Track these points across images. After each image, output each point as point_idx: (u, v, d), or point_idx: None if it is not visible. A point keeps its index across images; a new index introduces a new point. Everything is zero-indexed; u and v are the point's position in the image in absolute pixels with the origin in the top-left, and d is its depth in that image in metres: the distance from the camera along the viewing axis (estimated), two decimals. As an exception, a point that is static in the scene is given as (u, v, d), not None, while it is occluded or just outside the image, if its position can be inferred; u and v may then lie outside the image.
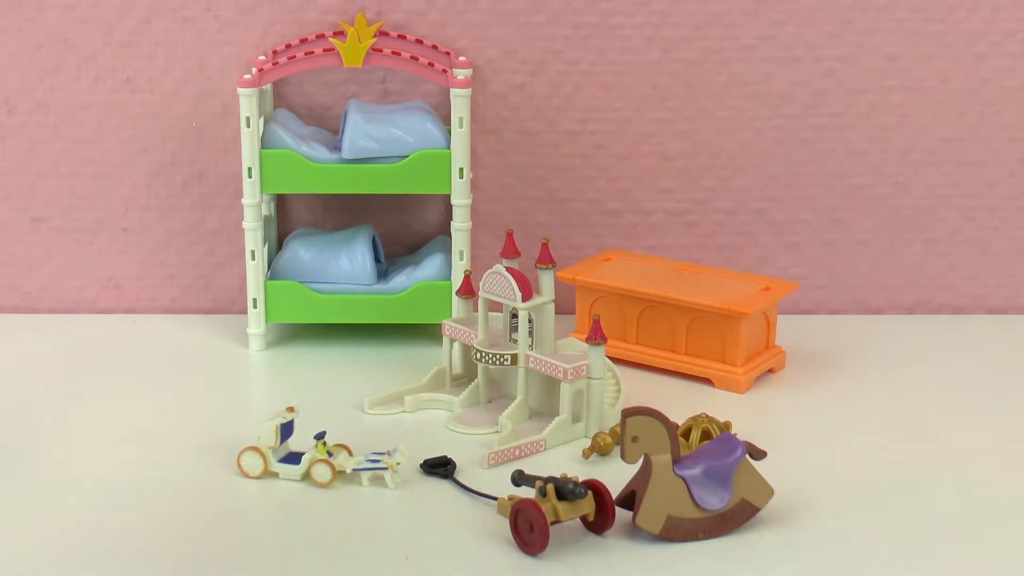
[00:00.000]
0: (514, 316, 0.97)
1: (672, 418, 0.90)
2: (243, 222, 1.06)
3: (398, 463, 0.86)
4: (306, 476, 0.87)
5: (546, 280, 0.96)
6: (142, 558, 0.79)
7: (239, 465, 0.88)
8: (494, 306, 0.99)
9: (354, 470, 0.87)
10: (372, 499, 0.86)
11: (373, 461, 0.86)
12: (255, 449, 0.87)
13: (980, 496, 0.87)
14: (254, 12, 1.10)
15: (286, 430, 0.88)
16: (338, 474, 0.87)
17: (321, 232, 1.12)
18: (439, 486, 0.87)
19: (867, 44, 1.12)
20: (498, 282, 0.95)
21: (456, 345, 1.00)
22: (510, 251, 0.98)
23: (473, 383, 0.98)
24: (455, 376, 1.00)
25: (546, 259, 0.96)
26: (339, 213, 1.15)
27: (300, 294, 1.07)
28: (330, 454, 0.87)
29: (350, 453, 0.88)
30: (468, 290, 1.00)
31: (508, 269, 0.95)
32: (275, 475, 0.88)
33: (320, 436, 0.87)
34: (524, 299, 0.94)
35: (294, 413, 0.89)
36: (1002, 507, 0.86)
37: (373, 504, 0.85)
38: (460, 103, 1.04)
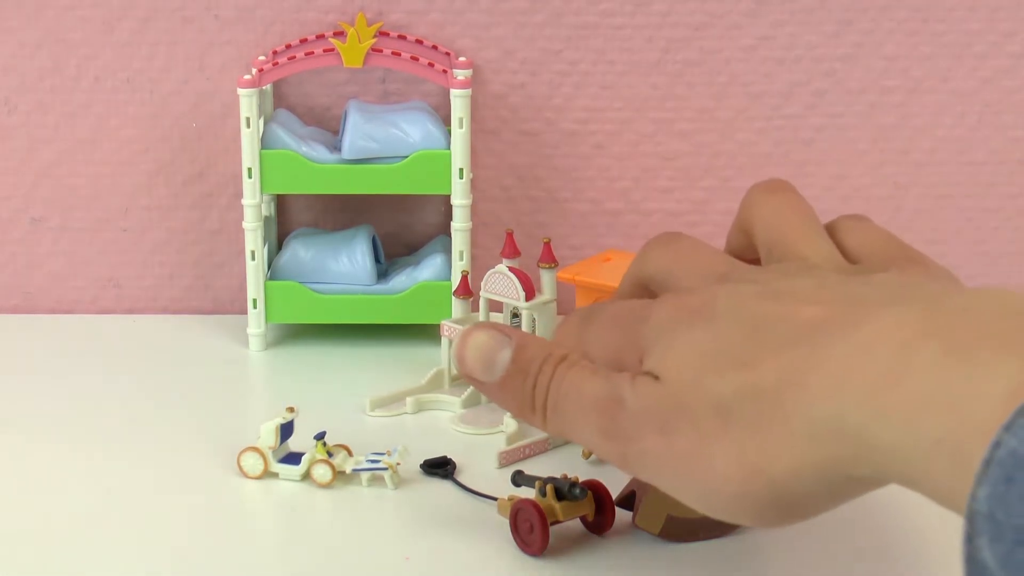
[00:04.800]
0: (515, 316, 0.97)
1: (672, 418, 0.90)
2: (243, 222, 1.06)
3: (397, 463, 0.86)
4: (306, 476, 0.87)
5: (548, 279, 0.96)
6: (141, 558, 0.79)
7: (239, 466, 0.88)
8: (493, 306, 0.99)
9: (354, 470, 0.87)
10: (372, 499, 0.86)
11: (373, 461, 0.86)
12: (255, 449, 0.87)
13: (980, 496, 0.87)
14: (254, 12, 1.10)
15: (286, 430, 0.88)
16: (338, 474, 0.87)
17: (321, 232, 1.12)
18: (439, 486, 0.87)
19: (867, 44, 1.12)
20: (501, 282, 0.95)
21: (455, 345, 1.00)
22: (511, 251, 0.98)
23: (475, 383, 0.98)
24: (454, 376, 1.00)
25: (548, 258, 0.96)
26: (339, 213, 1.15)
27: (300, 294, 1.07)
28: (330, 454, 0.87)
29: (350, 453, 0.88)
30: (466, 291, 1.00)
31: (511, 269, 0.95)
32: (275, 475, 0.88)
33: (320, 436, 0.87)
34: (528, 298, 0.94)
35: (294, 413, 0.89)
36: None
37: (373, 504, 0.85)
38: (460, 103, 1.04)
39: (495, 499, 0.84)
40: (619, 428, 0.58)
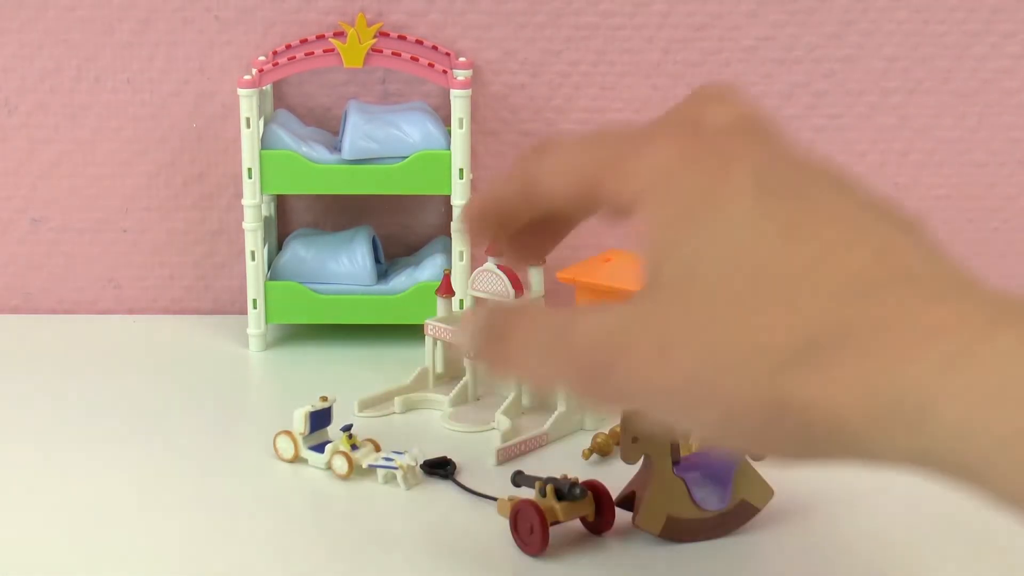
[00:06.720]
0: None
1: (672, 418, 0.89)
2: (243, 223, 1.06)
3: (409, 464, 0.86)
4: (328, 466, 0.88)
5: (535, 276, 0.96)
6: (141, 558, 0.79)
7: (274, 446, 0.89)
8: (480, 304, 0.99)
9: (369, 466, 0.87)
10: (381, 497, 0.86)
11: (388, 460, 0.87)
12: (287, 433, 0.89)
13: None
14: (254, 13, 1.10)
15: (318, 419, 0.89)
16: (356, 468, 0.87)
17: (321, 233, 1.12)
18: (439, 486, 0.87)
19: (867, 45, 1.12)
20: (489, 279, 0.95)
21: (439, 344, 0.99)
22: (496, 248, 0.97)
23: (463, 380, 0.98)
24: (438, 375, 1.00)
25: (534, 255, 0.95)
26: (339, 214, 1.15)
27: (300, 295, 1.07)
28: (355, 447, 0.87)
29: (377, 448, 0.88)
30: (448, 290, 1.00)
31: (498, 266, 0.95)
32: (305, 461, 0.89)
33: (346, 428, 0.88)
34: (516, 295, 0.94)
35: (326, 402, 0.89)
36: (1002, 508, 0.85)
37: (380, 502, 0.85)
38: (460, 104, 1.04)
39: (495, 499, 0.84)
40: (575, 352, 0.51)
